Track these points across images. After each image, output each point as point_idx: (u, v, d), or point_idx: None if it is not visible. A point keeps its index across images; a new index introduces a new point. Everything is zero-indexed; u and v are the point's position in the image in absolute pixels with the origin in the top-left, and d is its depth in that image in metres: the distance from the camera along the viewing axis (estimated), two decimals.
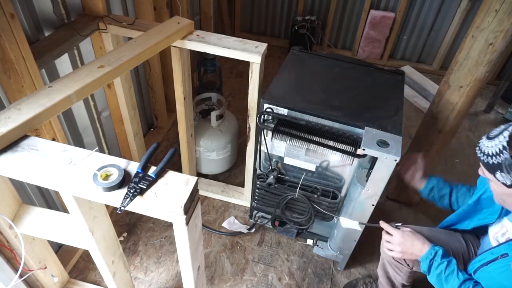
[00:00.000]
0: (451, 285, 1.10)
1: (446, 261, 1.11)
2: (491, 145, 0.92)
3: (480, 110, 3.18)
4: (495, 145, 0.91)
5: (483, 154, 0.95)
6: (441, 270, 1.11)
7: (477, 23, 1.53)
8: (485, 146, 0.94)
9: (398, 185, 2.18)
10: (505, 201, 0.99)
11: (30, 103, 1.00)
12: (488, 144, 0.93)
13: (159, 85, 2.40)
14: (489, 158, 0.92)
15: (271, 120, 1.49)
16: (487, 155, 0.93)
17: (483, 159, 0.95)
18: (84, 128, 1.83)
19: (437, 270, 1.12)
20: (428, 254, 1.14)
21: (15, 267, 1.27)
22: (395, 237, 1.23)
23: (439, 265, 1.11)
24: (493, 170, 0.93)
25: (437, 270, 1.12)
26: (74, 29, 1.51)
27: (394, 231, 1.25)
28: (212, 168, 2.25)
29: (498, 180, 0.93)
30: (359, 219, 1.54)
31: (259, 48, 1.55)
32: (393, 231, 1.25)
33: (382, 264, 1.53)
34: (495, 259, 1.07)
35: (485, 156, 0.94)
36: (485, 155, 0.94)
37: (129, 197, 0.85)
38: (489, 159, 0.92)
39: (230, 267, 1.86)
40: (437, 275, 1.13)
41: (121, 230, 1.96)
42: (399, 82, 1.69)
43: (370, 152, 1.29)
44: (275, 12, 3.67)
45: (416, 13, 3.34)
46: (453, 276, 1.10)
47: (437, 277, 1.13)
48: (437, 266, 1.12)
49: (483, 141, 0.96)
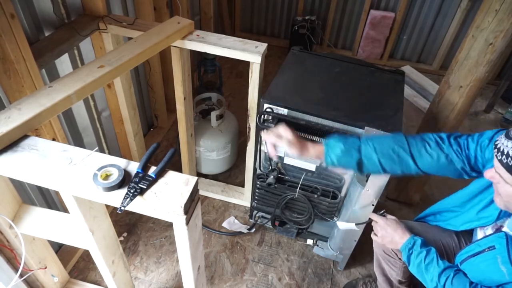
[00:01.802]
0: (431, 273, 1.09)
1: (425, 250, 1.11)
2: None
3: (480, 110, 3.18)
4: None
5: (502, 154, 0.88)
6: (420, 259, 1.10)
7: (477, 23, 1.53)
8: (505, 146, 0.88)
9: (398, 185, 2.18)
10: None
11: (30, 103, 1.00)
12: (510, 145, 0.86)
13: (159, 85, 2.40)
14: (509, 159, 0.86)
15: (271, 120, 1.49)
16: (508, 155, 0.86)
17: (501, 159, 0.88)
18: (84, 128, 1.83)
19: (417, 260, 1.11)
20: (407, 243, 1.14)
21: (15, 267, 1.27)
22: (379, 222, 1.26)
23: (418, 254, 1.11)
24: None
25: (417, 259, 1.11)
26: (74, 29, 1.51)
27: (379, 218, 1.28)
28: (212, 168, 2.25)
29: None
30: (359, 219, 1.54)
31: (259, 48, 1.55)
32: (378, 218, 1.28)
33: (376, 259, 1.53)
34: (482, 251, 1.05)
35: (504, 156, 0.87)
36: (504, 155, 0.87)
37: (129, 197, 0.85)
38: (509, 160, 0.86)
39: (230, 267, 1.86)
40: (417, 264, 1.12)
41: (121, 230, 1.96)
42: (399, 82, 1.70)
43: None
44: (275, 12, 3.67)
45: (416, 13, 3.34)
46: (432, 264, 1.09)
47: (417, 266, 1.13)
48: (417, 255, 1.11)
49: (503, 141, 0.89)
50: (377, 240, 1.28)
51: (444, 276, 1.07)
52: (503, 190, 0.93)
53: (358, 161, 1.13)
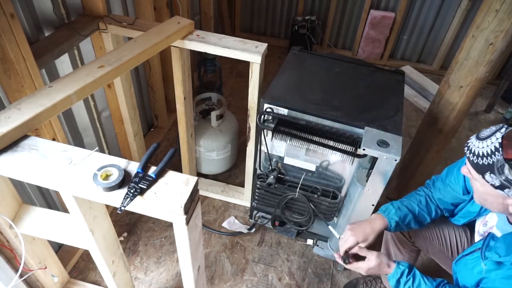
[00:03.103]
0: None
1: (412, 276, 1.12)
2: (482, 146, 0.91)
3: (480, 110, 3.18)
4: (487, 146, 0.90)
5: (473, 154, 0.93)
6: (409, 286, 1.12)
7: (477, 23, 1.53)
8: (475, 147, 0.93)
9: (398, 185, 2.18)
10: (486, 201, 0.99)
11: (30, 103, 1.00)
12: (479, 145, 0.92)
13: (159, 85, 2.40)
14: (479, 158, 0.91)
15: (271, 120, 1.49)
16: (477, 155, 0.92)
17: (472, 159, 0.94)
18: (84, 128, 1.83)
19: (405, 286, 1.13)
20: (395, 274, 1.14)
21: (15, 267, 1.27)
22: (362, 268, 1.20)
23: (406, 283, 1.13)
24: (482, 171, 0.92)
25: (405, 286, 1.13)
26: (74, 29, 1.51)
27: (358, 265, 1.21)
28: (212, 168, 2.25)
29: (487, 181, 0.92)
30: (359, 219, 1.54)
31: (259, 48, 1.55)
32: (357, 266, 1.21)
33: (385, 242, 1.55)
34: (473, 251, 1.11)
35: (474, 157, 0.93)
36: (475, 155, 0.93)
37: (129, 197, 0.85)
38: (479, 159, 0.91)
39: (230, 267, 1.86)
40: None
41: (121, 230, 1.96)
42: (399, 82, 1.70)
43: (370, 152, 1.29)
44: (275, 12, 3.67)
45: (416, 13, 3.35)
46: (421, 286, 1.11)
47: None
48: (404, 284, 1.13)
49: (473, 141, 0.95)
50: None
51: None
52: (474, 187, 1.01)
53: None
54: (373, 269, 1.17)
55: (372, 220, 1.28)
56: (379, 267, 1.16)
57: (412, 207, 1.30)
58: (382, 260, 1.17)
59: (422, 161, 1.99)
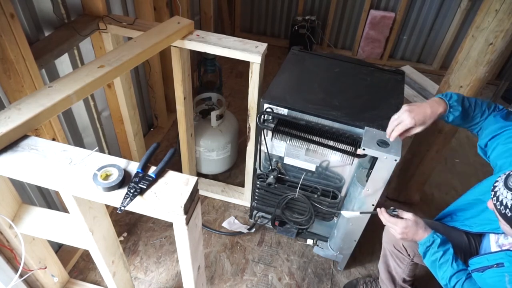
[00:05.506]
0: (444, 272, 1.11)
1: (442, 251, 1.11)
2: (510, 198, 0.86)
3: None
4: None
5: (500, 203, 0.88)
6: (436, 257, 1.11)
7: (477, 23, 1.53)
8: (503, 196, 0.88)
9: (398, 185, 2.18)
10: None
11: (30, 103, 1.00)
12: (508, 196, 0.86)
13: (159, 85, 2.40)
14: (507, 210, 0.86)
15: (271, 120, 1.49)
16: (505, 206, 0.87)
17: (500, 208, 0.88)
18: (84, 128, 1.83)
19: (432, 257, 1.13)
20: (426, 241, 1.13)
21: (15, 267, 1.27)
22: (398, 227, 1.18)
23: (434, 253, 1.12)
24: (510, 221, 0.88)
25: (432, 256, 1.13)
26: (74, 29, 1.51)
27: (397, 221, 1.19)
28: (212, 168, 2.25)
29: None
30: (360, 218, 1.54)
31: (259, 48, 1.55)
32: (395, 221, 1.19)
33: (384, 255, 1.52)
34: (490, 267, 1.05)
35: (502, 207, 0.87)
36: (502, 205, 0.87)
37: (129, 197, 0.85)
38: (507, 211, 0.86)
39: (230, 267, 1.86)
40: (432, 261, 1.14)
41: (121, 230, 1.96)
42: (399, 82, 1.69)
43: (370, 152, 1.29)
44: (275, 12, 3.67)
45: (416, 13, 3.34)
46: (447, 265, 1.10)
47: (432, 263, 1.14)
48: (433, 254, 1.12)
49: (501, 189, 0.88)
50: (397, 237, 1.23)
51: (456, 279, 1.09)
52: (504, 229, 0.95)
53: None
54: (410, 228, 1.14)
55: (431, 102, 1.16)
56: (416, 229, 1.14)
57: (470, 99, 1.21)
58: (420, 222, 1.15)
59: (422, 161, 1.99)
